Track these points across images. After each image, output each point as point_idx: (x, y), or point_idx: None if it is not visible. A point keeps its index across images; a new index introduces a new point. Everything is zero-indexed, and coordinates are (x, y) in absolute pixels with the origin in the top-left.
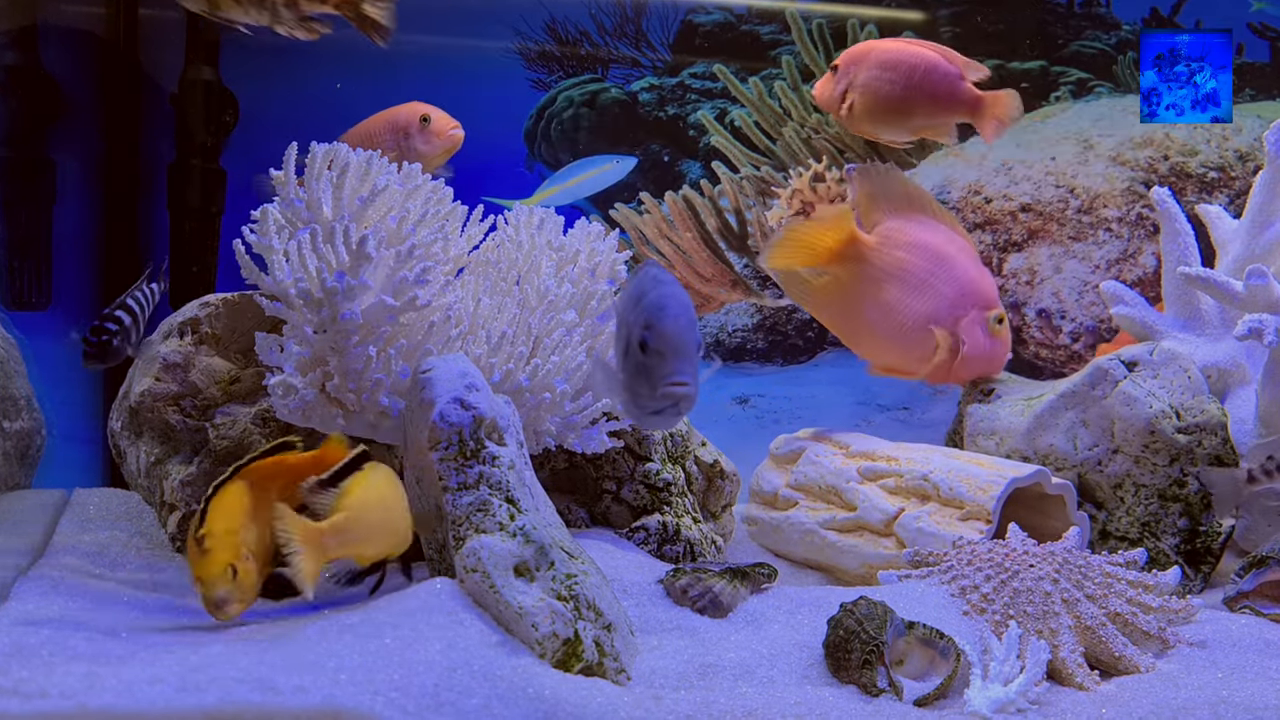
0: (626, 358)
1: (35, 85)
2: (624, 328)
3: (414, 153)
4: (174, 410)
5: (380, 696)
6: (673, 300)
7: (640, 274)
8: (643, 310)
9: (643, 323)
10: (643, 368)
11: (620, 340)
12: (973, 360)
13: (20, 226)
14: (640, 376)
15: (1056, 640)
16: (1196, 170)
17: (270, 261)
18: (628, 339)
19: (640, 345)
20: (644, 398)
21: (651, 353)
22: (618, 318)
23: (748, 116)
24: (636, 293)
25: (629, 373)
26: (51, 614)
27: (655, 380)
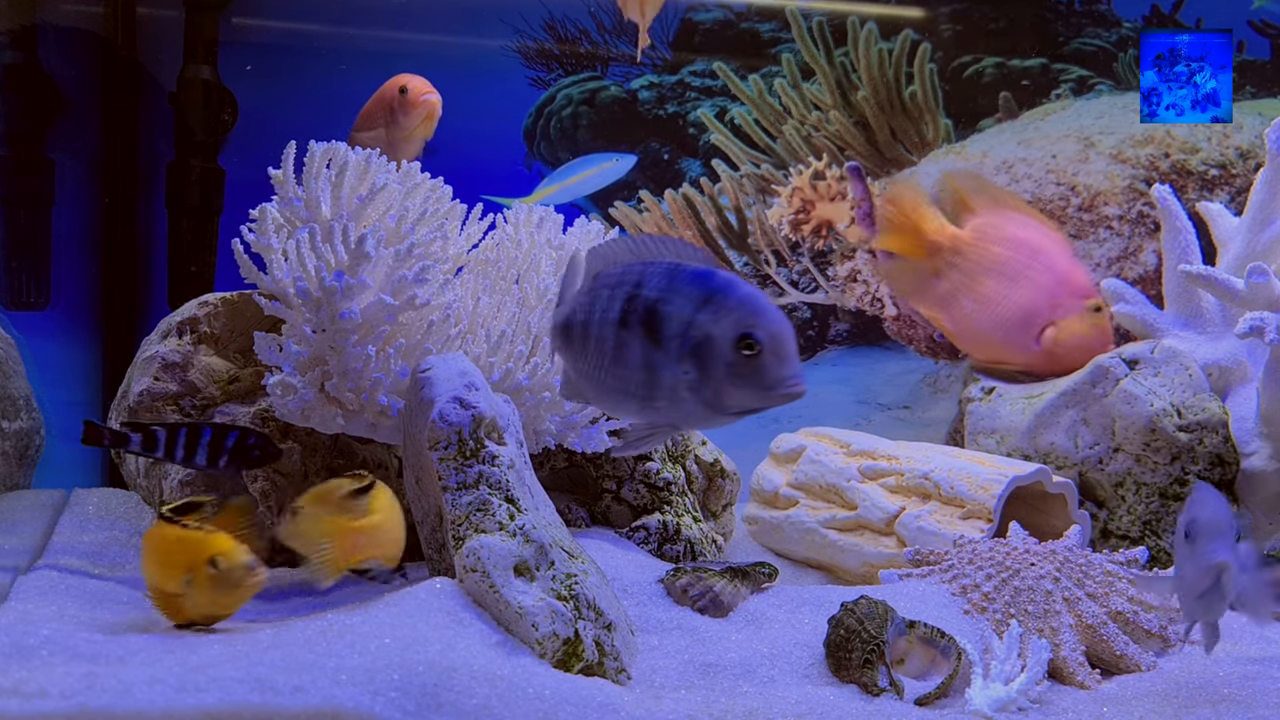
0: (689, 363)
1: (33, 84)
2: (654, 328)
3: (397, 125)
4: (173, 410)
5: (380, 696)
6: (746, 286)
7: (635, 251)
8: (723, 308)
9: (734, 322)
10: (743, 372)
11: (639, 344)
12: (1073, 349)
13: (19, 226)
14: (737, 382)
15: (1058, 639)
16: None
17: (269, 261)
18: (687, 342)
19: (743, 346)
20: (731, 407)
21: (766, 353)
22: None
23: (747, 114)
24: (675, 286)
25: (714, 381)
26: (51, 614)
27: (770, 382)
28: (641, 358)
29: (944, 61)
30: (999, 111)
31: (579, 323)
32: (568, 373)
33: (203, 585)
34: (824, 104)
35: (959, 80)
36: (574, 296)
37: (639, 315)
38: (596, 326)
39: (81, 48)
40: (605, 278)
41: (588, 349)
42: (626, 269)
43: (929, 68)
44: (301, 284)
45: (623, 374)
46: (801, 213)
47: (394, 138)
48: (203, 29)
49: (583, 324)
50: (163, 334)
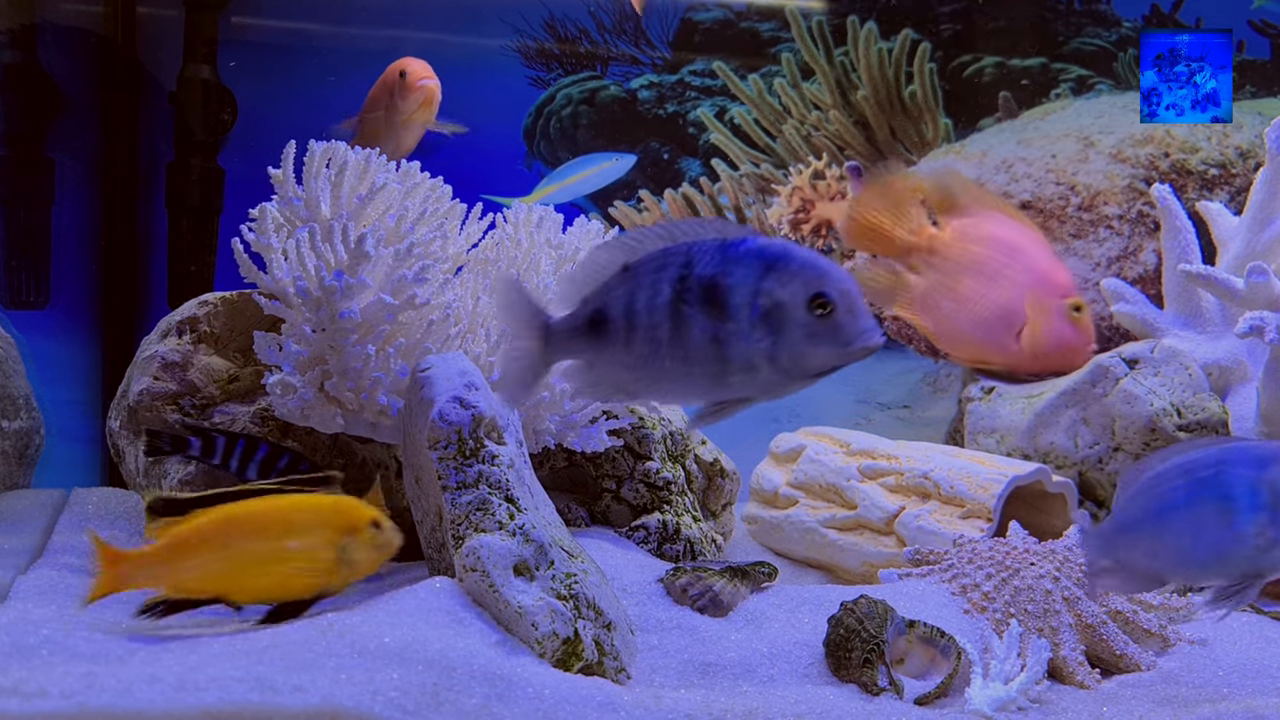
0: (761, 332)
1: (33, 84)
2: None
3: (396, 109)
4: (173, 409)
5: (380, 696)
6: (801, 248)
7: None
8: (788, 272)
9: (803, 284)
10: (818, 332)
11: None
12: (1053, 347)
13: (19, 225)
14: (814, 342)
15: (1057, 638)
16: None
17: (269, 260)
18: (757, 311)
19: (816, 306)
20: (810, 369)
21: (839, 310)
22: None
23: (747, 114)
24: (732, 258)
25: (791, 346)
26: (51, 614)
27: (847, 338)
28: (708, 335)
29: (944, 61)
30: (999, 111)
31: (618, 314)
32: (592, 372)
33: (363, 546)
34: (824, 103)
35: (959, 80)
36: (594, 293)
37: (697, 293)
38: (645, 314)
39: (81, 47)
40: (642, 265)
41: (634, 339)
42: (664, 253)
43: (929, 67)
44: (301, 283)
45: (687, 356)
46: (801, 212)
47: (394, 121)
48: (202, 28)
49: (625, 314)
50: (163, 333)
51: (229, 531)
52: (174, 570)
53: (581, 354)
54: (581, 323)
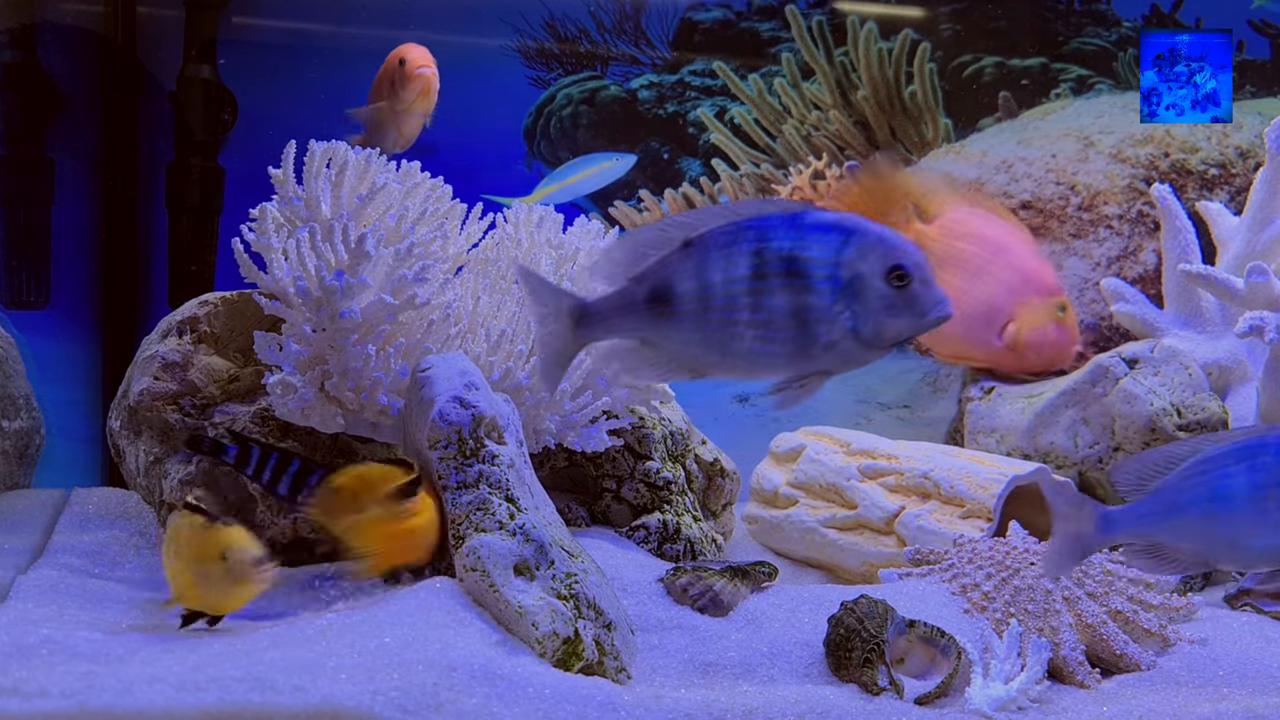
0: (842, 304)
1: (33, 84)
2: (799, 274)
3: (397, 97)
4: (173, 409)
5: (380, 696)
6: (871, 221)
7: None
8: (864, 244)
9: (880, 255)
10: (896, 302)
11: (792, 292)
12: (1036, 345)
13: (18, 225)
14: (892, 312)
15: (1057, 638)
16: (1197, 167)
17: (269, 260)
18: (838, 283)
19: (894, 277)
20: (888, 339)
21: (915, 281)
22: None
23: (747, 114)
24: (807, 232)
25: (870, 316)
26: (51, 613)
27: (924, 308)
28: (788, 308)
29: (944, 61)
30: (999, 111)
31: (688, 290)
32: (648, 350)
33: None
34: (824, 103)
35: (959, 80)
36: (650, 270)
37: (776, 266)
38: (721, 286)
39: (81, 47)
40: (709, 240)
41: (708, 315)
42: (733, 227)
43: (929, 67)
44: (301, 283)
45: (767, 330)
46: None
47: (395, 110)
48: (202, 28)
49: (697, 290)
50: (163, 333)
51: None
52: None
53: (633, 332)
54: (638, 300)
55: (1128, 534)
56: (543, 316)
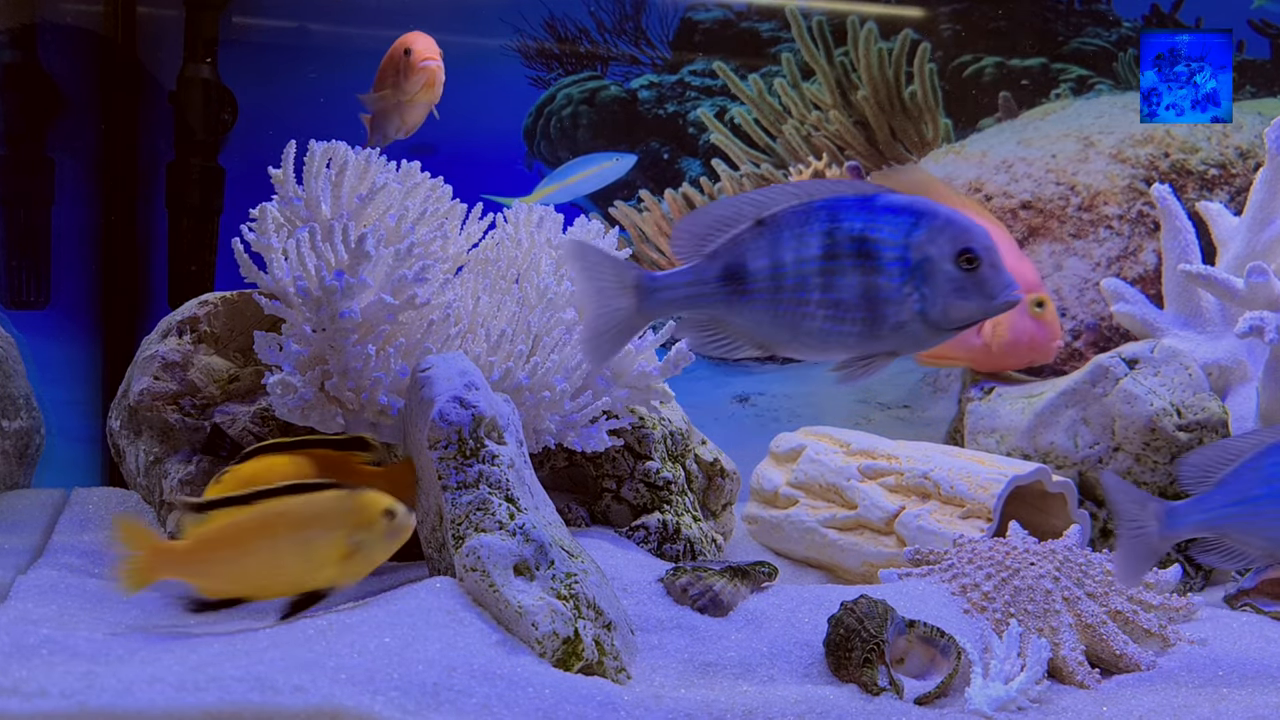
0: (911, 285)
1: (33, 84)
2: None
3: (400, 88)
4: (173, 409)
5: (380, 696)
6: (940, 204)
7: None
8: (934, 227)
9: (950, 238)
10: (966, 285)
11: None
12: (1015, 343)
13: (18, 225)
14: (962, 295)
15: (1057, 638)
16: (1197, 167)
17: (269, 260)
18: (908, 264)
19: (963, 260)
20: (956, 322)
21: (985, 265)
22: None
23: (747, 114)
24: (878, 213)
25: (939, 299)
26: (51, 613)
27: (992, 291)
28: (859, 289)
29: (944, 61)
30: (999, 111)
31: (761, 268)
32: (715, 328)
33: (376, 538)
34: (824, 103)
35: (959, 80)
36: (721, 248)
37: (847, 247)
38: (793, 265)
39: (81, 47)
40: (782, 219)
41: (780, 293)
42: (806, 207)
43: (929, 67)
44: (301, 283)
45: (838, 310)
46: None
47: (399, 99)
48: (202, 28)
49: (770, 268)
50: (163, 333)
51: (245, 532)
52: (204, 572)
53: (702, 309)
54: (709, 277)
55: (1195, 528)
56: (602, 290)
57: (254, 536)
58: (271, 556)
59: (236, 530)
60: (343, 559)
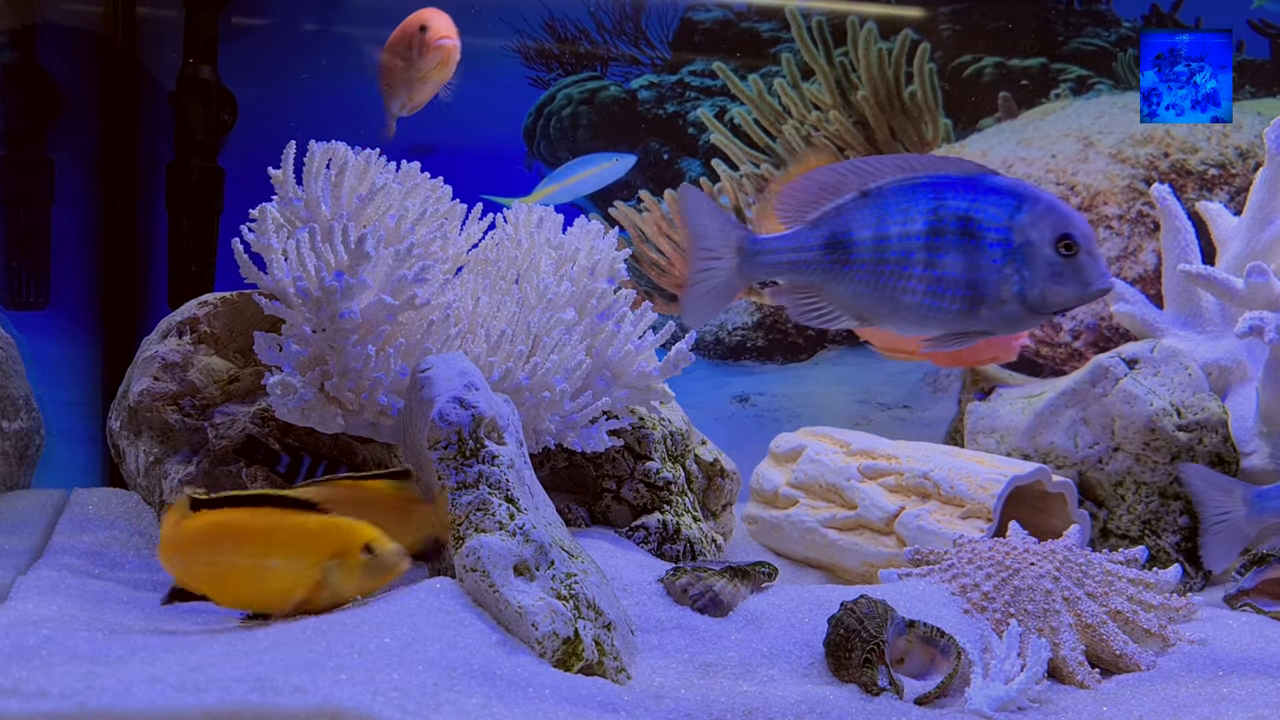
0: (1011, 267)
1: (33, 84)
2: (974, 233)
3: (414, 64)
4: (173, 410)
5: (380, 696)
6: (1042, 189)
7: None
8: (1036, 211)
9: (1051, 223)
10: (1063, 271)
11: (963, 251)
12: None
13: (18, 226)
14: (1059, 280)
15: (1057, 638)
16: (1197, 167)
17: (269, 260)
18: (1010, 246)
19: (1062, 246)
20: (1052, 306)
21: (1083, 252)
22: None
23: (747, 114)
24: (983, 194)
25: (1038, 281)
26: (51, 614)
27: (1089, 279)
28: (962, 265)
29: (944, 61)
30: (998, 111)
31: (865, 238)
32: (813, 295)
33: (351, 570)
34: (824, 104)
35: (959, 80)
36: (823, 216)
37: (953, 224)
38: (898, 239)
39: (81, 47)
40: (887, 192)
41: (881, 265)
42: (912, 182)
43: (929, 67)
44: (301, 283)
45: (939, 285)
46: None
47: (410, 76)
48: (202, 28)
49: (873, 240)
50: (163, 334)
51: (218, 538)
52: (180, 561)
53: (802, 275)
54: (812, 244)
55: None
56: (706, 248)
57: (228, 541)
58: (237, 566)
59: (214, 530)
60: (313, 586)
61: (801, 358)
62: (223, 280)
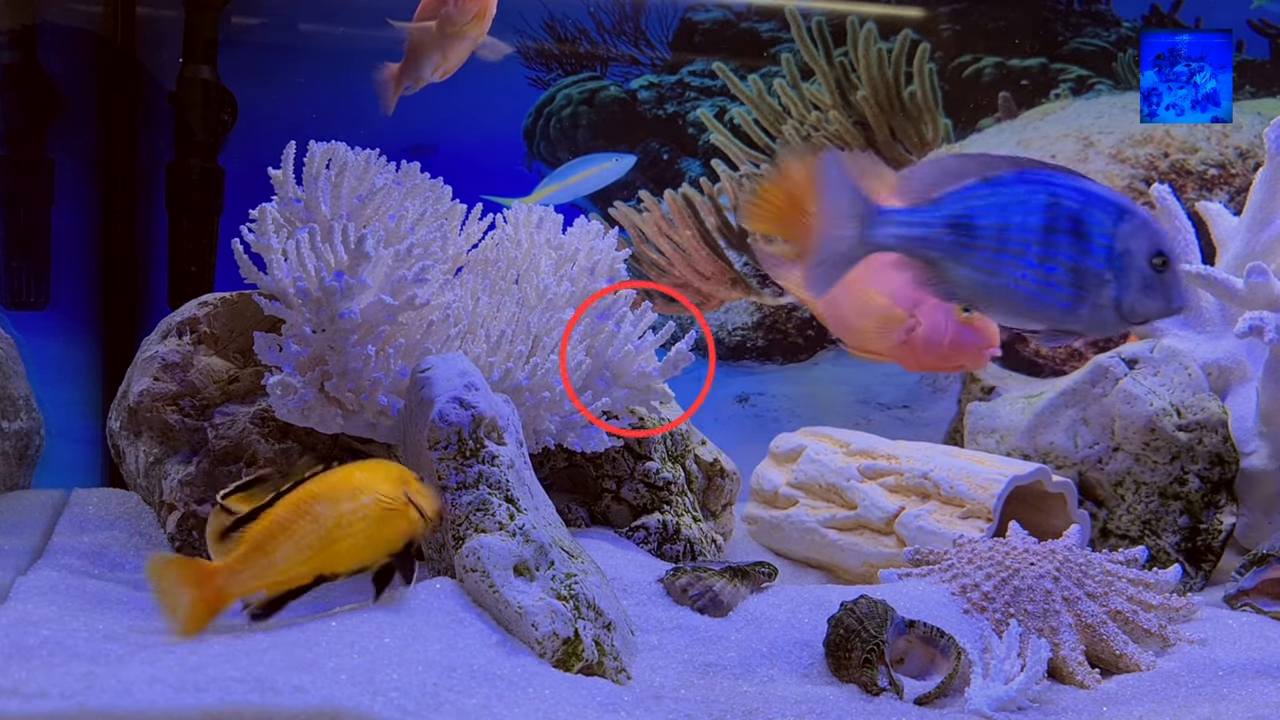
0: (1110, 272)
1: (33, 84)
2: (1080, 235)
3: (449, 19)
4: (172, 410)
5: (380, 696)
6: (1141, 208)
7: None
8: (1136, 225)
9: (1148, 237)
10: (1153, 284)
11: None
12: (933, 345)
13: (18, 226)
14: (1148, 292)
15: (1057, 638)
16: (1197, 167)
17: (269, 261)
18: (1112, 252)
19: (1156, 261)
20: (1138, 316)
21: (1171, 270)
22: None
23: (747, 114)
24: (1092, 199)
25: (1130, 290)
26: (50, 614)
27: (1173, 295)
28: (1072, 265)
29: (943, 61)
30: (998, 111)
31: (988, 225)
32: (932, 270)
33: (422, 491)
34: (823, 104)
35: (958, 80)
36: (946, 196)
37: (1066, 224)
38: (1018, 231)
39: (81, 47)
40: (1010, 181)
41: (1001, 253)
42: (1032, 175)
43: (929, 67)
44: (301, 284)
45: (1047, 279)
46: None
47: (445, 32)
48: (202, 28)
49: (996, 227)
50: (163, 334)
51: (305, 510)
52: (268, 567)
53: (922, 251)
54: (935, 221)
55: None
56: (831, 215)
57: (311, 514)
58: (335, 526)
59: (281, 516)
60: (405, 512)
61: (801, 358)
62: (223, 280)
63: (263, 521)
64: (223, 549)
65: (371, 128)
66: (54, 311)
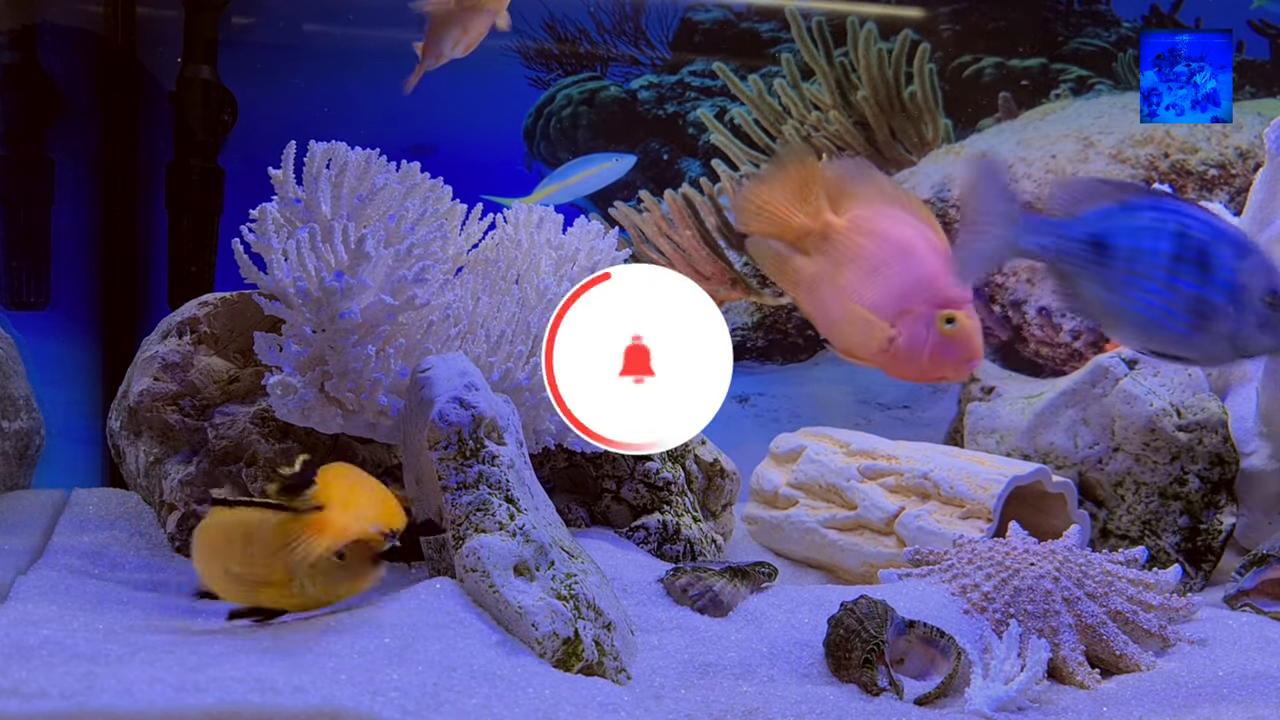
0: (1228, 304)
1: (33, 84)
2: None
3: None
4: (173, 410)
5: (380, 696)
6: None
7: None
8: (1256, 264)
9: (1265, 274)
10: (1264, 322)
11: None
12: (912, 353)
13: (18, 226)
14: (1261, 329)
15: (1057, 639)
16: (1197, 167)
17: (269, 261)
18: (1232, 285)
19: (1269, 300)
20: (1247, 350)
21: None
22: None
23: (747, 114)
24: (1217, 234)
25: (1244, 324)
26: (50, 614)
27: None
28: (1194, 295)
29: (944, 61)
30: (998, 111)
31: (1124, 247)
32: (1065, 282)
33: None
34: (824, 104)
35: (959, 80)
36: (1086, 216)
37: (1193, 254)
38: (1148, 256)
39: (81, 47)
40: (1141, 207)
41: (1133, 275)
42: (1162, 205)
43: (929, 68)
44: (301, 284)
45: (1169, 305)
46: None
47: (464, 5)
48: (202, 28)
49: (1130, 250)
50: (163, 334)
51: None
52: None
53: (1059, 261)
54: (1076, 237)
55: None
56: (986, 213)
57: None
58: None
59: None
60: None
61: (801, 358)
62: (223, 280)
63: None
64: None
65: (371, 128)
66: (54, 311)
